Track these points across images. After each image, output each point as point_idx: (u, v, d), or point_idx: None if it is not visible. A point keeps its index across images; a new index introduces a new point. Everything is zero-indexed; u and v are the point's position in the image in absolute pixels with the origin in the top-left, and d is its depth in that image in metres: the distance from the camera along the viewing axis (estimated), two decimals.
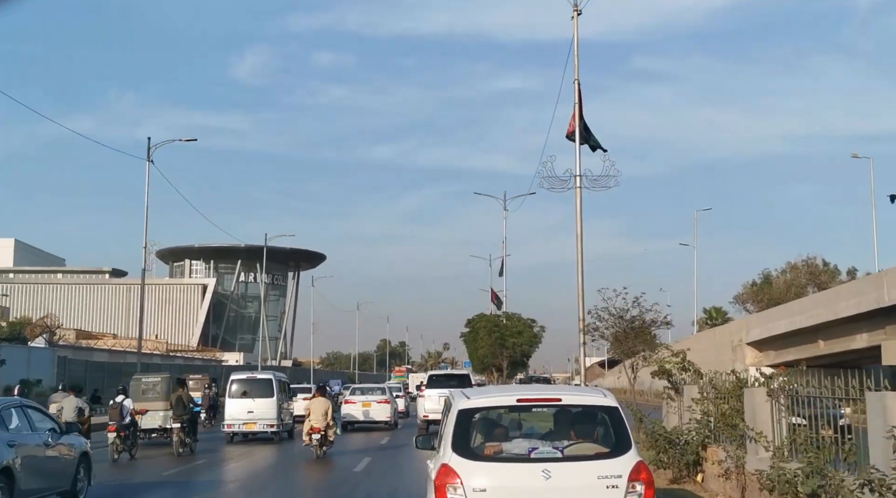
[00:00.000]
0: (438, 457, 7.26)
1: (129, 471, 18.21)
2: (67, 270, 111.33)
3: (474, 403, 7.31)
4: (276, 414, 24.50)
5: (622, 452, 6.95)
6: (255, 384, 25.26)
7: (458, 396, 7.57)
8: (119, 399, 20.32)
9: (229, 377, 26.75)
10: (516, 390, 8.82)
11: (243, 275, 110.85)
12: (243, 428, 24.55)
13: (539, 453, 7.00)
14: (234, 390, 25.16)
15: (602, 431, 7.31)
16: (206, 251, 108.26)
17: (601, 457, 6.99)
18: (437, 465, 7.06)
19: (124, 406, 20.13)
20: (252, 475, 17.87)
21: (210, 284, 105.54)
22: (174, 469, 18.40)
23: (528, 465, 6.90)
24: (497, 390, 10.09)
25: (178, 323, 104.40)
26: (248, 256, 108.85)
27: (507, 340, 52.09)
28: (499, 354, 52.65)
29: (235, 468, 19.28)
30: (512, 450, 7.14)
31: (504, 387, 17.98)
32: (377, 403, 29.92)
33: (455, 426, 7.07)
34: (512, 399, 7.69)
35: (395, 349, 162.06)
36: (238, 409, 24.64)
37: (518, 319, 54.57)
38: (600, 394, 7.62)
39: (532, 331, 54.43)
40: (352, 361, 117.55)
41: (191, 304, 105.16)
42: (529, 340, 54.14)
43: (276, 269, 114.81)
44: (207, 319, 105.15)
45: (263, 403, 24.48)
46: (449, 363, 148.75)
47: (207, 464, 19.83)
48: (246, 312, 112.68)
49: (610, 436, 7.17)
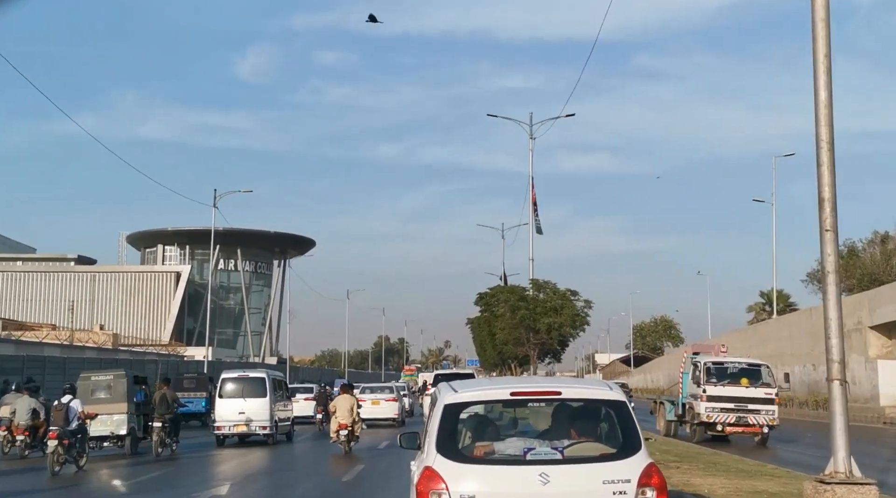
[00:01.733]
0: (422, 458, 6.47)
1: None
2: (29, 257, 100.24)
3: (462, 397, 6.57)
4: (270, 415, 23.69)
5: (631, 452, 6.21)
6: (248, 383, 24.27)
7: (444, 389, 6.76)
8: (65, 400, 17.67)
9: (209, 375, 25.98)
10: (510, 383, 7.74)
11: (223, 262, 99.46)
12: (234, 430, 23.76)
13: (536, 455, 6.23)
14: (225, 390, 24.16)
15: (607, 430, 6.54)
16: (181, 235, 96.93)
17: (607, 459, 6.22)
18: (420, 467, 6.30)
19: (71, 408, 17.58)
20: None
21: (184, 271, 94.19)
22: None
23: (524, 467, 6.14)
24: (489, 383, 8.56)
25: (149, 315, 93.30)
26: (226, 241, 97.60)
27: (540, 320, 38.03)
28: (525, 341, 39.23)
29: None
30: (505, 450, 6.34)
31: (498, 379, 15.62)
32: (385, 401, 32.22)
33: (440, 423, 6.33)
34: (505, 392, 6.82)
35: (393, 346, 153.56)
36: (229, 409, 23.70)
37: (553, 290, 39.60)
38: (605, 387, 6.90)
39: (574, 306, 39.15)
40: (343, 359, 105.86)
41: (163, 294, 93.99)
42: (571, 320, 39.07)
43: (260, 255, 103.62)
44: (182, 312, 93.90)
45: (256, 404, 23.64)
46: (451, 362, 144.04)
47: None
48: (226, 303, 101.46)
49: (616, 434, 6.39)
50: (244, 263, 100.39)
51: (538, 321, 37.99)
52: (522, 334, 39.10)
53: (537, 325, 38.02)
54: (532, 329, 38.48)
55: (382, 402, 32.09)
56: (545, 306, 38.47)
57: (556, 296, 39.07)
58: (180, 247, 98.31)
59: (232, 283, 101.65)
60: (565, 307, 38.42)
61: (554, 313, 38.19)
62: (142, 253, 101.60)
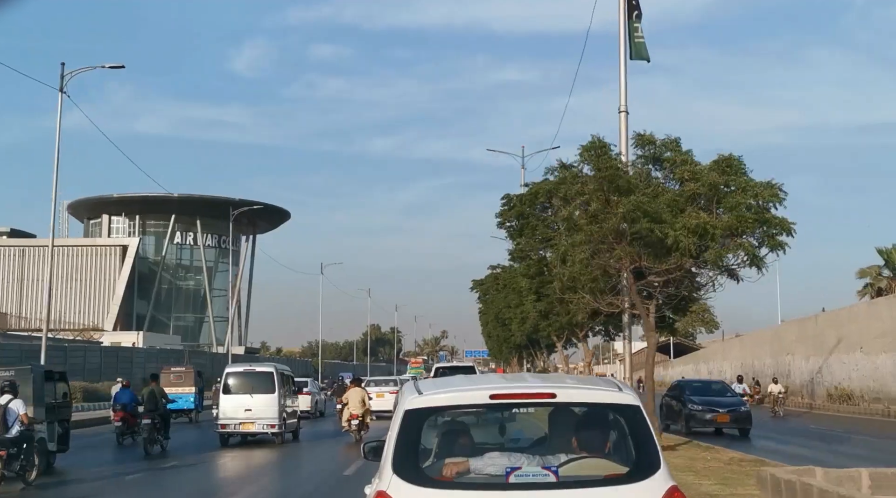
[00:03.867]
0: (375, 481, 4.99)
1: None
2: None
3: (427, 401, 5.00)
4: (278, 412, 22.46)
5: (647, 473, 4.70)
6: (254, 378, 23.16)
7: (407, 390, 5.27)
8: (2, 400, 14.70)
9: None
10: (491, 382, 6.13)
11: (180, 235, 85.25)
12: (240, 428, 22.51)
13: (522, 476, 4.72)
14: (229, 385, 23.05)
15: (616, 442, 5.11)
16: (131, 204, 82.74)
17: (615, 481, 4.70)
18: (374, 492, 4.81)
19: (10, 410, 14.70)
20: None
21: (131, 244, 79.94)
22: None
23: (506, 494, 4.66)
24: (465, 382, 6.15)
25: (90, 297, 79.23)
26: (183, 210, 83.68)
27: (673, 223, 16.80)
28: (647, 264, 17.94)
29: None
30: (482, 470, 4.84)
31: (476, 377, 9.34)
32: (390, 394, 31.62)
33: (398, 435, 4.83)
34: (483, 395, 5.17)
35: (384, 336, 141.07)
36: (234, 406, 22.51)
37: (689, 158, 18.27)
38: (613, 387, 5.19)
39: (772, 188, 17.21)
40: (319, 346, 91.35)
41: (108, 272, 79.82)
42: (762, 231, 17.14)
43: (225, 228, 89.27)
44: (131, 293, 79.78)
45: (263, 400, 22.44)
46: (448, 353, 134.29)
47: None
48: (185, 284, 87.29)
49: (628, 448, 4.88)
50: (205, 236, 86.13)
51: (665, 228, 16.73)
52: (623, 261, 17.79)
53: (664, 233, 16.70)
54: (664, 248, 17.14)
55: (387, 394, 32.41)
56: (685, 195, 17.54)
57: (712, 170, 17.55)
58: (129, 217, 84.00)
59: (195, 260, 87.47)
60: (751, 188, 17.15)
61: (731, 203, 17.02)
62: (85, 225, 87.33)
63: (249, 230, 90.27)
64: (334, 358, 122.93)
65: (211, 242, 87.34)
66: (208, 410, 30.92)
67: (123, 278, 78.78)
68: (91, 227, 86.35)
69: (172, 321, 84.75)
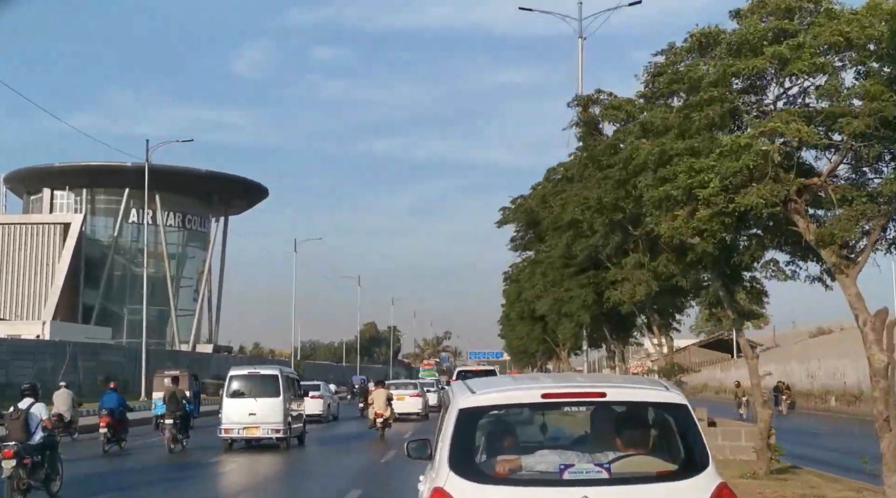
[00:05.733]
0: (431, 476, 5.38)
1: None
2: None
3: (481, 400, 5.34)
4: (283, 417, 21.85)
5: (697, 470, 5.02)
6: (258, 381, 22.57)
7: (458, 389, 5.59)
8: (23, 404, 13.12)
9: None
10: (540, 381, 6.28)
11: (135, 213, 72.67)
12: (244, 433, 21.90)
13: (575, 473, 4.98)
14: (232, 389, 22.48)
15: (663, 440, 5.36)
16: (78, 175, 70.29)
17: (666, 477, 5.03)
18: (430, 489, 5.16)
19: (32, 415, 13.05)
20: None
21: (74, 221, 67.48)
22: None
23: (561, 490, 4.94)
24: (513, 382, 6.67)
25: (24, 284, 66.78)
26: (139, 183, 70.92)
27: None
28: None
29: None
30: (535, 467, 5.15)
31: (525, 376, 10.20)
32: (410, 397, 34.22)
33: (454, 433, 5.16)
34: (535, 394, 5.43)
35: (382, 335, 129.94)
36: (237, 411, 21.90)
37: None
38: (660, 387, 5.52)
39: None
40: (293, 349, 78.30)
41: (48, 255, 67.44)
42: None
43: (191, 206, 76.69)
44: (74, 279, 67.33)
45: (268, 404, 21.80)
46: (451, 354, 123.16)
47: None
48: (142, 271, 74.63)
49: (676, 446, 5.20)
50: (166, 215, 73.66)
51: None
52: None
53: None
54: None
55: (407, 397, 33.77)
56: None
57: None
58: (75, 191, 71.47)
59: (157, 243, 74.96)
60: None
61: None
62: (24, 200, 74.87)
63: (221, 210, 77.83)
64: (329, 359, 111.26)
65: (174, 223, 74.91)
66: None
67: (64, 262, 66.42)
68: (31, 202, 73.98)
69: (127, 314, 72.29)
